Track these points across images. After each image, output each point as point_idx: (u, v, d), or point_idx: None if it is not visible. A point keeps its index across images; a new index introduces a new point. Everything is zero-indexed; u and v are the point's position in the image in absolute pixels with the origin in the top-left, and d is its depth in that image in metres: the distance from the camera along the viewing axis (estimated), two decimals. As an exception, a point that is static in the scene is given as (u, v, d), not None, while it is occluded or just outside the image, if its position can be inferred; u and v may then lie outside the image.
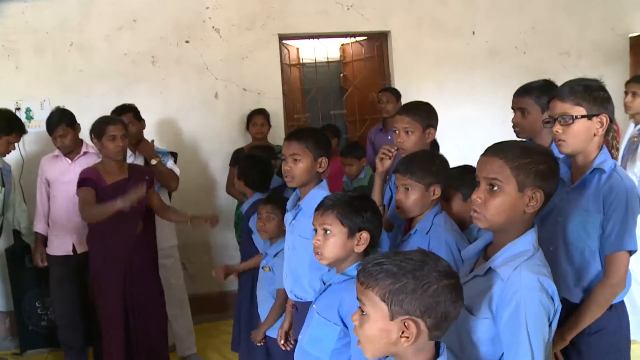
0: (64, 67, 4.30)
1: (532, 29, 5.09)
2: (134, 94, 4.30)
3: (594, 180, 1.88)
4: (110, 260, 3.05)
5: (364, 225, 1.79)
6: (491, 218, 1.48)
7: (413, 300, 1.20)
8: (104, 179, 3.04)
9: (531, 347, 1.37)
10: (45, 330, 3.94)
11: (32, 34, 4.25)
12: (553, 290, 1.43)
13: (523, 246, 1.47)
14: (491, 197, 1.48)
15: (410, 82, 4.83)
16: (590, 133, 1.87)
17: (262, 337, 2.66)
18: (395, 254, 1.29)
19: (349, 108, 5.87)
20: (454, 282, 1.25)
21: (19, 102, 4.23)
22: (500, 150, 1.50)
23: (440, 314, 1.21)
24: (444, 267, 1.26)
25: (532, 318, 1.38)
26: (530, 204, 1.47)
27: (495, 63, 5.03)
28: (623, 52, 5.24)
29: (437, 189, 2.05)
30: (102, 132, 3.01)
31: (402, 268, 1.23)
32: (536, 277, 1.41)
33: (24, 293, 3.91)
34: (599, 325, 1.88)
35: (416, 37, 4.90)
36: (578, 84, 1.89)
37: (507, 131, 3.02)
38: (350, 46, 5.86)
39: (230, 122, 4.56)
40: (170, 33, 4.45)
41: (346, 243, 1.79)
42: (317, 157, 2.19)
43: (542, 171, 1.46)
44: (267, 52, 4.63)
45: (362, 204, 1.83)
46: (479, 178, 1.53)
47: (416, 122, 2.40)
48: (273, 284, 2.63)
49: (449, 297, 1.22)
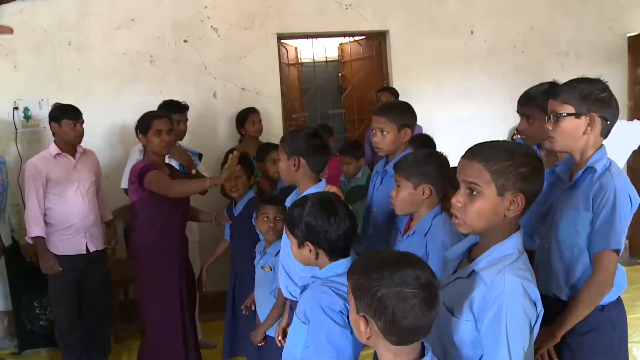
0: (62, 67, 4.30)
1: (530, 28, 5.10)
2: (132, 93, 4.31)
3: (586, 179, 1.89)
4: (168, 256, 3.09)
5: (305, 238, 1.82)
6: (471, 223, 1.46)
7: (366, 298, 1.25)
8: (160, 167, 3.08)
9: (509, 354, 1.35)
10: (44, 330, 3.94)
11: (30, 33, 4.25)
12: (536, 295, 1.41)
13: (507, 249, 1.44)
14: (470, 201, 1.44)
15: (408, 82, 4.84)
16: (579, 131, 1.88)
17: (262, 337, 2.66)
18: (378, 252, 1.34)
19: (347, 107, 5.88)
20: (418, 292, 1.22)
21: (17, 102, 4.23)
22: (480, 153, 1.45)
23: (388, 319, 1.22)
24: (413, 276, 1.23)
25: (513, 324, 1.35)
26: (510, 208, 1.43)
27: (493, 62, 5.04)
28: (621, 52, 5.25)
29: (427, 189, 2.06)
30: (148, 127, 3.03)
31: (367, 265, 1.28)
32: (520, 281, 1.38)
33: (22, 293, 3.91)
34: (590, 325, 1.88)
35: (414, 36, 4.91)
36: (571, 84, 1.91)
37: (505, 130, 3.02)
38: (349, 45, 5.86)
39: (229, 121, 4.55)
40: (169, 32, 4.45)
41: (300, 252, 1.86)
42: (292, 156, 2.23)
43: (522, 174, 1.41)
44: (266, 51, 4.63)
45: (301, 213, 1.85)
46: (459, 180, 1.49)
47: (391, 123, 2.47)
48: (274, 283, 2.63)
49: (402, 305, 1.21)
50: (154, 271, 3.08)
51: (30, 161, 3.38)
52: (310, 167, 2.23)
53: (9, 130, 4.22)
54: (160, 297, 3.09)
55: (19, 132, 4.23)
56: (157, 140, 3.04)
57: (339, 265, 1.79)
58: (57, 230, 3.35)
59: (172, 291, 3.09)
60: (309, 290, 1.81)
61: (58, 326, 3.46)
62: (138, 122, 3.11)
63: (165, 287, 3.09)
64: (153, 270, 3.08)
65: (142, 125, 3.06)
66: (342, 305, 1.69)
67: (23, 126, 4.25)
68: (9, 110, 4.21)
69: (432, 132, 3.41)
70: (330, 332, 1.68)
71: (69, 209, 3.37)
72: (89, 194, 3.46)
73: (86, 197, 3.44)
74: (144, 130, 3.05)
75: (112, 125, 4.33)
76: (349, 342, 1.70)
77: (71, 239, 3.37)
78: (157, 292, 3.09)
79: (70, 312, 3.41)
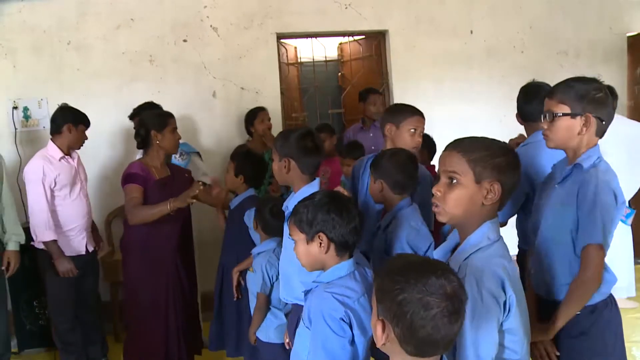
0: (62, 66, 4.29)
1: (529, 28, 5.10)
2: (132, 93, 4.31)
3: (572, 176, 1.91)
4: (155, 264, 3.01)
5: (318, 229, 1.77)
6: (450, 210, 1.51)
7: (386, 301, 1.19)
8: (153, 174, 3.03)
9: (477, 341, 1.38)
10: (43, 330, 3.94)
11: (30, 32, 4.24)
12: (503, 279, 1.43)
13: (476, 239, 1.50)
14: (450, 189, 1.51)
15: (408, 81, 4.85)
16: (574, 131, 1.89)
17: (254, 337, 2.65)
18: (407, 255, 1.32)
19: (346, 107, 5.87)
20: (440, 302, 1.15)
21: (16, 101, 4.23)
22: (459, 144, 1.54)
23: (406, 326, 1.15)
24: (438, 284, 1.16)
25: (474, 311, 1.37)
26: (488, 196, 1.49)
27: (492, 62, 5.04)
28: (620, 52, 5.25)
29: (382, 184, 2.33)
30: (165, 124, 3.04)
31: (392, 268, 1.22)
32: (484, 267, 1.42)
33: (21, 292, 3.91)
34: (581, 328, 1.88)
35: (414, 36, 4.91)
36: (568, 83, 1.92)
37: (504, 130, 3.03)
38: (348, 45, 5.86)
39: (228, 121, 4.56)
40: (168, 32, 4.45)
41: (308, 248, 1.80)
42: (283, 157, 2.19)
43: (498, 164, 1.48)
44: (265, 51, 4.63)
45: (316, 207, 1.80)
46: (439, 173, 1.57)
47: None
48: (254, 286, 2.63)
49: (422, 313, 1.14)
50: (140, 270, 3.04)
51: (35, 164, 3.27)
52: (301, 168, 2.19)
53: (8, 129, 4.22)
54: (144, 296, 3.05)
55: (18, 132, 4.23)
56: (172, 138, 3.05)
57: (341, 268, 1.76)
58: (61, 232, 3.33)
59: (157, 292, 3.04)
60: (312, 295, 1.78)
61: (57, 327, 3.45)
62: (148, 120, 3.07)
63: (149, 288, 3.04)
64: (139, 269, 3.05)
65: (158, 123, 3.04)
66: (343, 313, 1.67)
67: (22, 126, 4.25)
68: (8, 109, 4.21)
69: (431, 131, 3.39)
70: (327, 340, 1.67)
71: (74, 210, 3.36)
72: (87, 195, 3.52)
73: (85, 198, 3.48)
74: (160, 126, 3.02)
75: (112, 125, 4.32)
76: (347, 352, 1.68)
77: (74, 240, 3.38)
78: (142, 292, 3.05)
79: (71, 312, 3.41)
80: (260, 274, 2.58)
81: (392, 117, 2.60)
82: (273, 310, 2.63)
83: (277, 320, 2.60)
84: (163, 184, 3.03)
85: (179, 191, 2.94)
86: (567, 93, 1.89)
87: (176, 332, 3.08)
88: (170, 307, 3.07)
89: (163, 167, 3.12)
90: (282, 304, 2.57)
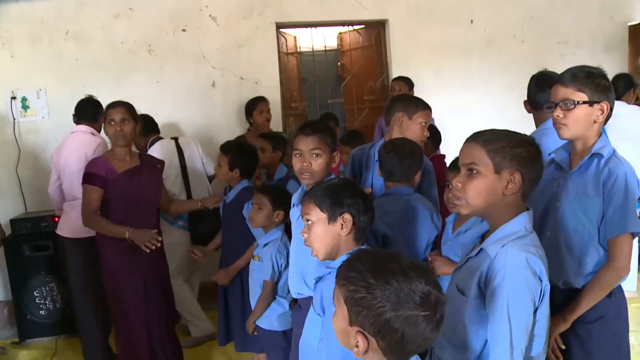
0: (60, 56, 4.27)
1: (530, 17, 5.07)
2: (131, 82, 4.29)
3: (592, 165, 1.89)
4: (130, 267, 2.94)
5: (343, 210, 1.74)
6: (471, 201, 1.52)
7: (369, 317, 1.11)
8: (115, 168, 2.92)
9: (510, 324, 1.39)
10: (44, 319, 3.95)
11: (27, 23, 4.22)
12: (541, 269, 1.45)
13: (514, 227, 1.50)
14: (469, 180, 1.52)
15: (408, 71, 4.81)
16: (591, 119, 1.88)
17: (253, 327, 2.67)
18: (378, 257, 1.19)
19: (346, 97, 5.86)
20: (428, 314, 1.11)
21: (14, 92, 4.21)
22: (479, 136, 1.54)
23: (395, 341, 1.11)
24: (421, 294, 1.11)
25: (514, 296, 1.40)
26: (508, 187, 1.49)
27: (493, 52, 5.02)
28: (622, 41, 5.23)
29: None
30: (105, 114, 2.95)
31: (368, 277, 1.13)
32: (524, 254, 1.43)
33: (22, 282, 3.91)
34: (599, 313, 1.89)
35: (414, 25, 4.89)
36: (581, 70, 1.90)
37: (504, 119, 3.02)
38: (348, 35, 5.83)
39: (228, 111, 4.55)
40: (167, 21, 4.42)
41: (328, 229, 1.74)
42: (333, 152, 2.16)
43: (518, 154, 1.49)
44: (265, 40, 4.61)
45: (341, 189, 1.79)
46: (460, 166, 1.57)
47: None
48: (261, 274, 2.63)
49: (413, 330, 1.11)
50: (117, 260, 2.96)
51: None
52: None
53: (7, 120, 4.21)
54: (124, 286, 2.97)
55: (16, 122, 4.22)
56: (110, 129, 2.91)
57: None
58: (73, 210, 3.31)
59: (134, 281, 2.96)
60: (324, 281, 1.76)
61: (78, 314, 3.46)
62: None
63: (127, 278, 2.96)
64: (116, 260, 2.96)
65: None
66: None
67: (21, 116, 4.24)
68: (6, 100, 4.20)
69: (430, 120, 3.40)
70: None
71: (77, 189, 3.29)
72: None
73: None
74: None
75: (111, 115, 4.30)
76: None
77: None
78: (121, 282, 2.98)
79: (93, 300, 3.39)
80: (270, 262, 2.58)
81: (406, 107, 2.59)
82: (278, 299, 2.64)
83: (280, 308, 2.62)
84: (130, 175, 2.93)
85: (147, 181, 2.95)
86: (584, 81, 1.86)
87: (158, 321, 3.03)
88: (150, 295, 2.99)
89: (131, 157, 3.00)
90: (287, 292, 2.56)
